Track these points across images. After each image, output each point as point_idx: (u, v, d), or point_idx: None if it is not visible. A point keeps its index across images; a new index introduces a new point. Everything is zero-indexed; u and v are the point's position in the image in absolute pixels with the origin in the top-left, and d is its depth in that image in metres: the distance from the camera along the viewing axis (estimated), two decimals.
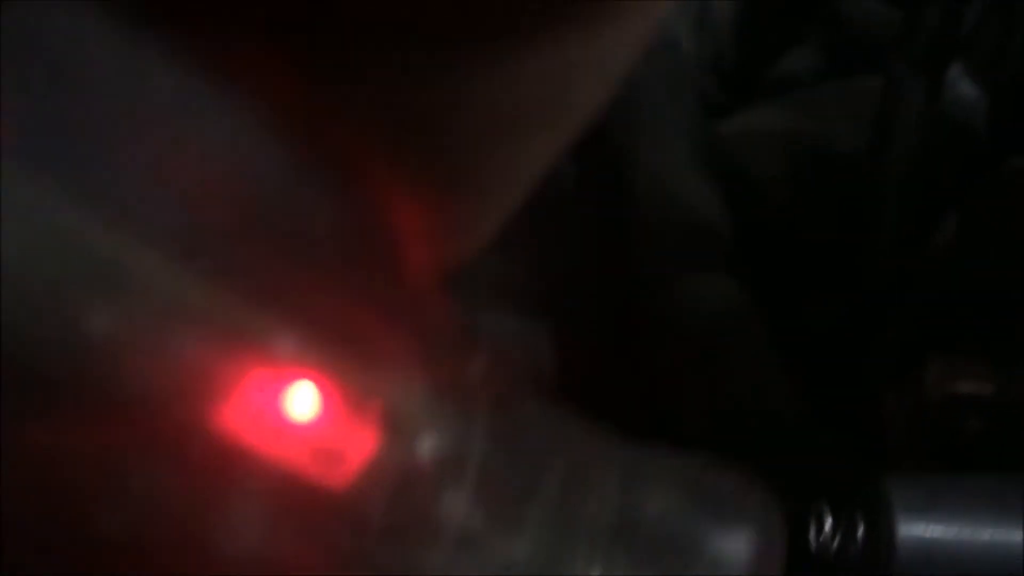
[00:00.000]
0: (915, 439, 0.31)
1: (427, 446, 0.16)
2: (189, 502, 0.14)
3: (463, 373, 0.16)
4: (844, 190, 0.38)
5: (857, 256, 0.36)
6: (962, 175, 0.36)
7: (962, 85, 0.39)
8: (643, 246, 0.38)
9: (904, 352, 0.33)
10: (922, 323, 0.33)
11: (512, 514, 0.17)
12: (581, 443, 0.18)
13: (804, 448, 0.30)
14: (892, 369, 0.33)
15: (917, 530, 0.22)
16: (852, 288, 0.35)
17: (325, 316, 0.15)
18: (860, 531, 0.23)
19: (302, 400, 0.15)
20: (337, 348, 0.15)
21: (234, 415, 0.14)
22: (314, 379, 0.15)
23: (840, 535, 0.23)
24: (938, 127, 0.36)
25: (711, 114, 0.43)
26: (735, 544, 0.18)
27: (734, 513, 0.19)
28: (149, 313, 0.13)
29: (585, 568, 0.18)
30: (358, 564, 0.16)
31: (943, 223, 0.35)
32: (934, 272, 0.34)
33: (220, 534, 0.14)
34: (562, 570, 0.17)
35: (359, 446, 0.15)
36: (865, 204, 0.36)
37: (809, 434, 0.33)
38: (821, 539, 0.23)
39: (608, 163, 0.39)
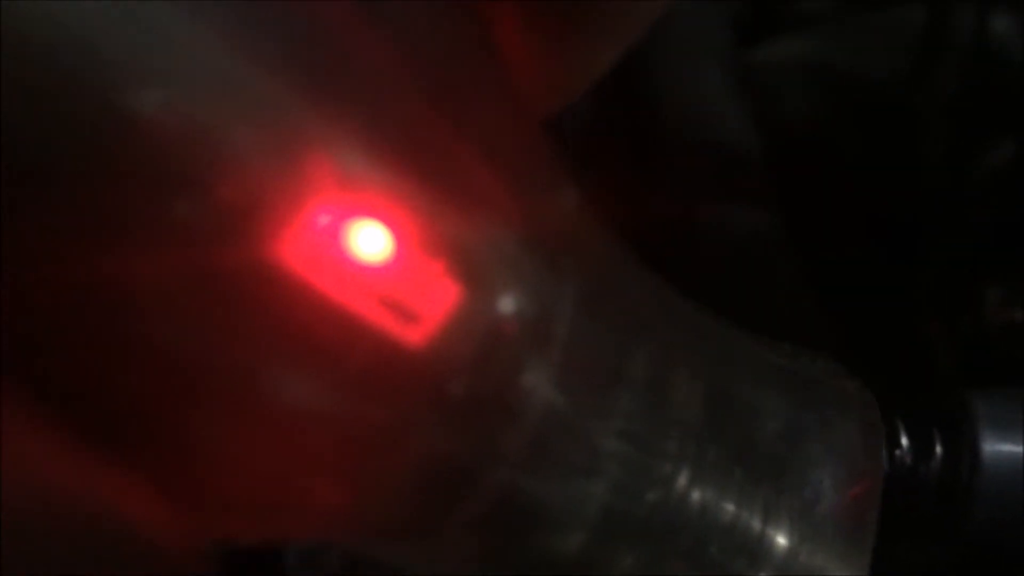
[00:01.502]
0: (967, 370, 0.29)
1: (511, 305, 0.13)
2: (238, 345, 0.12)
3: (554, 219, 0.14)
4: (881, 118, 0.36)
5: (900, 184, 0.33)
6: (1009, 102, 0.34)
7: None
8: (671, 170, 0.35)
9: (951, 281, 0.31)
10: (970, 250, 0.31)
11: (600, 399, 0.15)
12: (671, 318, 0.16)
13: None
14: (938, 298, 0.31)
15: (1004, 446, 0.20)
16: (895, 216, 0.33)
17: (410, 138, 0.12)
18: (938, 449, 0.21)
19: (372, 238, 0.12)
20: (419, 178, 0.12)
21: (292, 248, 0.12)
22: (388, 214, 0.13)
23: (916, 453, 0.21)
24: (983, 54, 0.34)
25: (738, 43, 0.40)
26: (839, 435, 0.16)
27: (834, 403, 0.16)
28: (203, 99, 0.10)
29: (675, 465, 0.15)
30: (430, 436, 0.13)
31: (992, 150, 0.33)
32: (984, 199, 0.32)
33: (272, 385, 0.12)
34: (651, 465, 0.15)
35: (436, 300, 0.13)
36: (908, 131, 0.34)
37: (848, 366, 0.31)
38: (896, 458, 0.21)
39: (635, 87, 0.36)
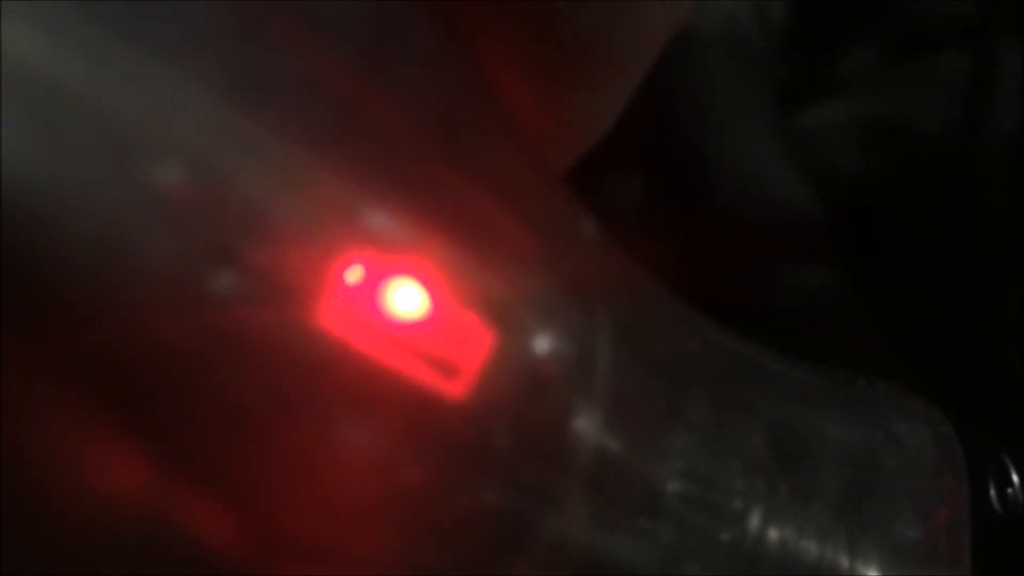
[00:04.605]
0: None
1: (547, 346, 0.13)
2: (284, 403, 0.12)
3: (580, 260, 0.14)
4: (939, 167, 0.36)
5: (966, 231, 0.33)
6: None
7: None
8: (728, 240, 0.35)
9: None
10: None
11: (655, 438, 0.15)
12: (719, 353, 0.16)
13: None
14: (1020, 340, 0.30)
15: None
16: (963, 265, 0.33)
17: (433, 194, 0.13)
18: None
19: (406, 296, 0.13)
20: (446, 233, 0.13)
21: (329, 310, 0.12)
22: (419, 271, 0.13)
23: None
24: None
25: (783, 108, 0.40)
26: (913, 454, 0.16)
27: (902, 422, 0.16)
28: (226, 169, 0.11)
29: (745, 503, 0.15)
30: (480, 487, 0.13)
31: None
32: None
33: (319, 438, 0.12)
34: (720, 504, 0.15)
35: (474, 351, 0.13)
36: (968, 177, 0.34)
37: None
38: (1008, 496, 0.20)
39: (684, 160, 0.37)
